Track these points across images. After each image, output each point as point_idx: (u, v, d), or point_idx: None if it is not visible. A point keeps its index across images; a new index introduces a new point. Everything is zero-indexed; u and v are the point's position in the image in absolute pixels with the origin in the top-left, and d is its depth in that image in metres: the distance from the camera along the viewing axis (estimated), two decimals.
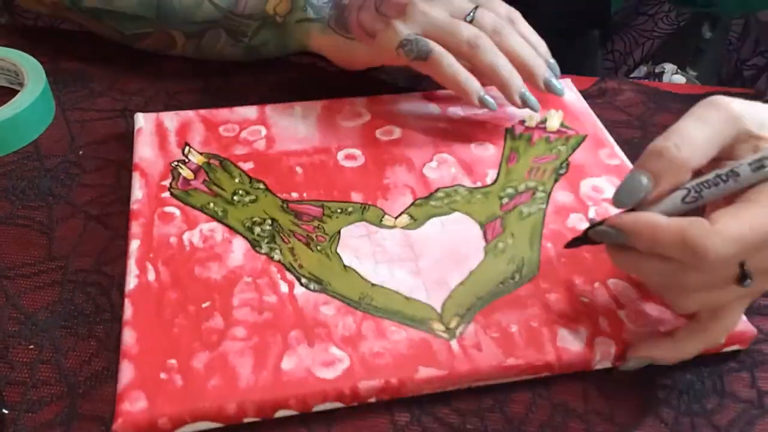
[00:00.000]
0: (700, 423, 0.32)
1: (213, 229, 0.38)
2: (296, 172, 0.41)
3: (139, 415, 0.30)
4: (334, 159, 0.42)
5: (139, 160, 0.42)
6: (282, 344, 0.32)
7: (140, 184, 0.40)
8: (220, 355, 0.32)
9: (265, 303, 0.34)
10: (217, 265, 0.36)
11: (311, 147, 0.43)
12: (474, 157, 0.43)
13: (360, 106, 0.47)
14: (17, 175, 0.43)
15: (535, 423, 0.32)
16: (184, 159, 0.42)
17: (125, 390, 0.30)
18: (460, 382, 0.32)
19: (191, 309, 0.34)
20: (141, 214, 0.38)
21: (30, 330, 0.34)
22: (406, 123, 0.46)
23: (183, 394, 0.30)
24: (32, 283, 0.37)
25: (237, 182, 0.41)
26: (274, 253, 0.37)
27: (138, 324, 0.33)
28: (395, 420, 0.31)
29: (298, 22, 0.48)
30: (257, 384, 0.31)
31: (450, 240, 0.38)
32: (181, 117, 0.45)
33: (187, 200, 0.39)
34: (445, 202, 0.40)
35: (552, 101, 0.48)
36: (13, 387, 0.32)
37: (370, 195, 0.40)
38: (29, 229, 0.39)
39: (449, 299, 0.35)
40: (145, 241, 0.37)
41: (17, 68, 0.47)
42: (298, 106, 0.46)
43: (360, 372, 0.31)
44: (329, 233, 0.38)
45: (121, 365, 0.31)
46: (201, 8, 0.47)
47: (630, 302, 0.35)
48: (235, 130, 0.44)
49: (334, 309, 0.34)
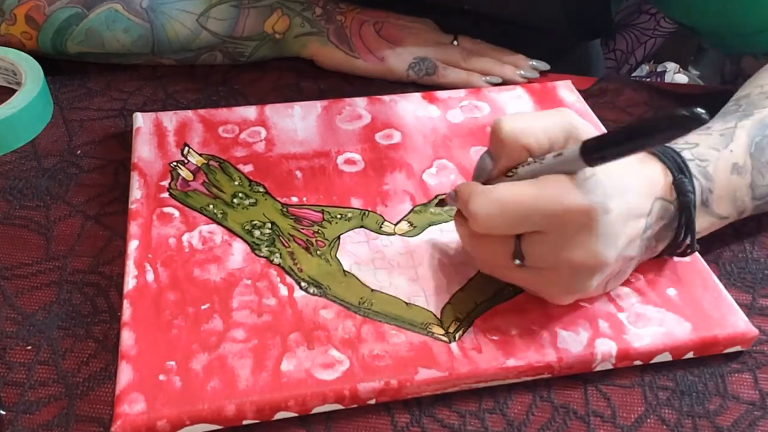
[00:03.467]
0: (702, 424, 0.32)
1: (212, 231, 0.38)
2: (296, 176, 0.41)
3: (138, 417, 0.29)
4: (333, 163, 0.42)
5: (137, 159, 0.41)
6: (281, 346, 0.32)
7: (139, 184, 0.40)
8: (219, 357, 0.32)
9: (264, 306, 0.34)
10: (217, 267, 0.36)
11: (311, 150, 0.43)
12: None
13: (360, 108, 0.47)
14: (15, 175, 0.43)
15: (536, 424, 0.32)
16: (183, 159, 0.42)
17: (124, 391, 0.30)
18: (460, 384, 0.32)
19: (190, 311, 0.34)
20: (139, 214, 0.38)
21: (27, 330, 0.34)
22: (406, 126, 0.46)
23: (182, 395, 0.30)
24: (30, 284, 0.36)
25: (237, 185, 0.41)
26: (273, 257, 0.37)
27: (137, 325, 0.33)
28: (395, 421, 0.31)
29: (296, 36, 0.50)
30: (256, 385, 0.31)
31: (449, 247, 0.38)
32: (180, 117, 0.45)
33: (186, 201, 0.39)
34: (444, 210, 0.40)
35: (551, 103, 0.48)
36: (11, 388, 0.32)
37: (369, 201, 0.40)
38: (27, 229, 0.39)
39: (448, 305, 0.35)
40: (143, 242, 0.37)
41: (15, 67, 0.47)
42: (297, 107, 0.46)
43: (360, 374, 0.31)
44: (329, 238, 0.38)
45: (120, 366, 0.31)
46: (199, 38, 0.49)
47: (630, 306, 0.35)
48: (235, 132, 0.44)
49: (333, 313, 0.34)
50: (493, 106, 0.48)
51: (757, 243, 0.40)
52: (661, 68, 0.83)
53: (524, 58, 0.52)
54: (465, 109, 0.47)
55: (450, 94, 0.48)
